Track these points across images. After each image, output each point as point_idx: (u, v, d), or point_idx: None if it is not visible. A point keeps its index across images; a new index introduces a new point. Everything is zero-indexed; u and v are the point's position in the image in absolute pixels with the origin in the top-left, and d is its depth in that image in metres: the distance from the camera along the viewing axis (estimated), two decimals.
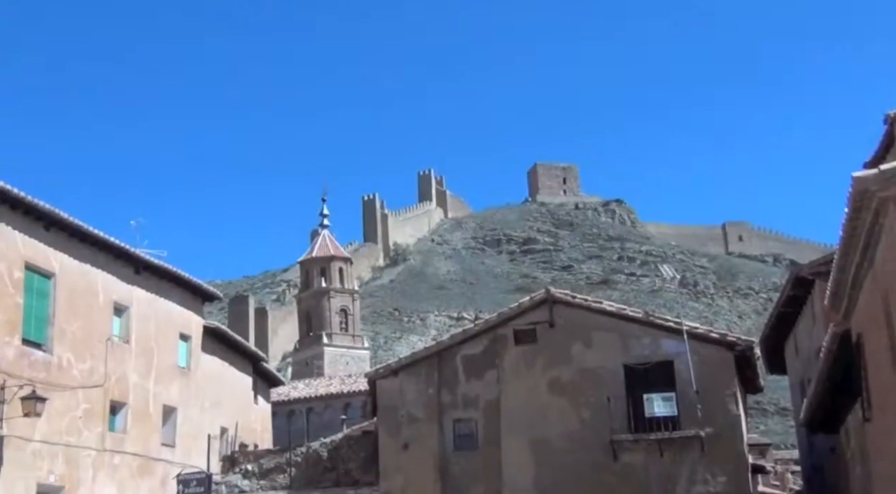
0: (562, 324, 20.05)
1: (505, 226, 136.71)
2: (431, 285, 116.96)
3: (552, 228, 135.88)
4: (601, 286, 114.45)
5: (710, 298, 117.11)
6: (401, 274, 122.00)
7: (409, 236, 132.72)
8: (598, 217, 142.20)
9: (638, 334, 19.67)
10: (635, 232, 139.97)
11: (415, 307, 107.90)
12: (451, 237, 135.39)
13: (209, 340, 24.94)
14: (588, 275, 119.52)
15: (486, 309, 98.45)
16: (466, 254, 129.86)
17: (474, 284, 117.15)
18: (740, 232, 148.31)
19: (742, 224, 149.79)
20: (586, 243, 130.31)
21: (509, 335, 20.24)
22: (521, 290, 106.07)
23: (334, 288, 65.97)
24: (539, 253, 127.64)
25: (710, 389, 18.91)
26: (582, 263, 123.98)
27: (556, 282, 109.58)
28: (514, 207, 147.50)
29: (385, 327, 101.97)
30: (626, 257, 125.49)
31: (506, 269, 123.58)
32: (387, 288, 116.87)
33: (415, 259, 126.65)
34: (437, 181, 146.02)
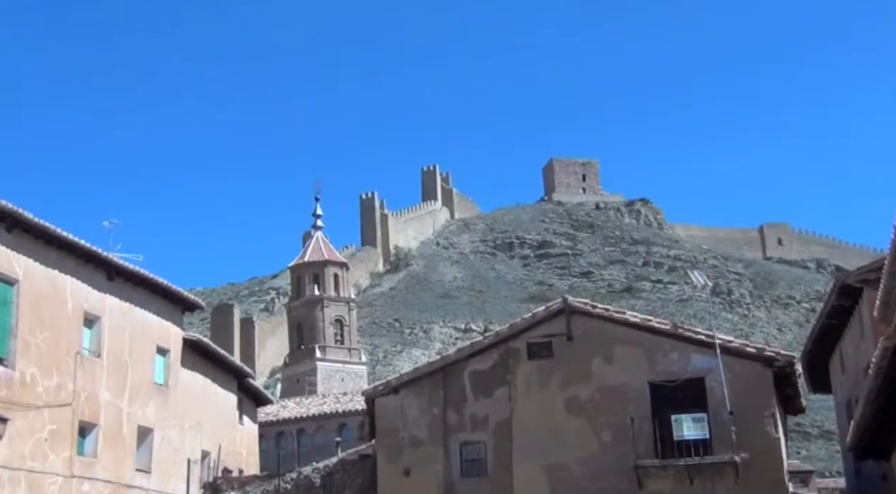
0: (580, 337, 20.02)
1: (518, 228, 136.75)
2: (436, 293, 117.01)
3: (570, 230, 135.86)
4: (624, 294, 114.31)
5: (746, 308, 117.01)
6: (402, 281, 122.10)
7: (411, 239, 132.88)
8: (621, 218, 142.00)
9: (665, 348, 19.63)
10: (662, 234, 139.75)
11: (418, 317, 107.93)
12: (459, 240, 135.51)
13: (189, 354, 24.96)
14: (610, 283, 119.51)
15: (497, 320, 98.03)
16: (475, 259, 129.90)
17: (484, 292, 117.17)
18: (779, 234, 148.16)
19: (781, 226, 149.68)
20: (608, 247, 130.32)
21: (522, 348, 20.23)
22: (535, 299, 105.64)
23: (328, 296, 66.08)
24: (555, 258, 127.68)
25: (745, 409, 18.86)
26: (603, 269, 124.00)
27: (574, 290, 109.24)
28: (527, 207, 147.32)
29: (385, 340, 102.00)
30: (652, 262, 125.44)
31: (518, 276, 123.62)
32: (387, 296, 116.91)
33: (418, 264, 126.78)
34: (442, 178, 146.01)
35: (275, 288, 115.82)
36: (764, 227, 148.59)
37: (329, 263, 66.86)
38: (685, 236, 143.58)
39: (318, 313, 65.72)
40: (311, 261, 66.81)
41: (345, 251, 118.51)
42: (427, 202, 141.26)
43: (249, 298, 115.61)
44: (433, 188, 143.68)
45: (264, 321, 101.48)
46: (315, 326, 65.87)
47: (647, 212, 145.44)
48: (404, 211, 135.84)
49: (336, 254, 70.68)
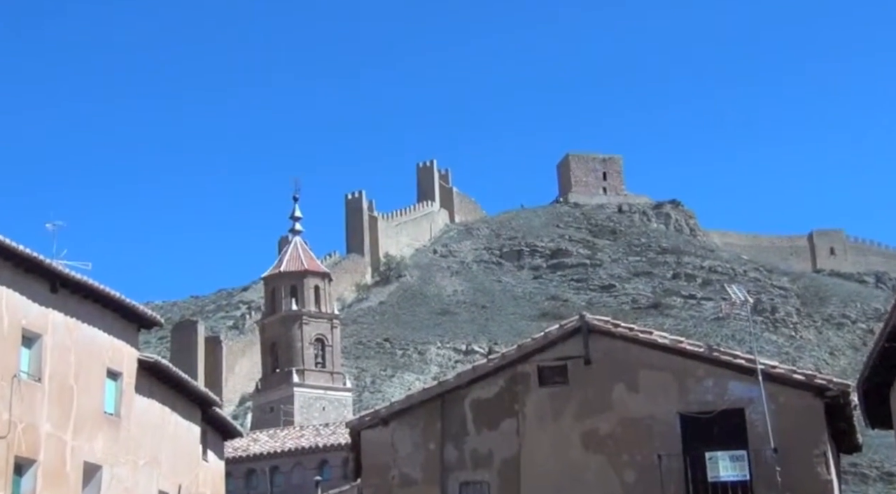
0: (600, 361, 20.00)
1: (528, 234, 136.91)
2: (433, 309, 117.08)
3: (588, 237, 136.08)
4: (651, 311, 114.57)
5: (793, 329, 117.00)
6: (393, 294, 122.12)
7: (404, 245, 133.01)
8: (647, 223, 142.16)
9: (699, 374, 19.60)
10: (696, 242, 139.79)
11: (411, 337, 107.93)
12: (459, 247, 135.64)
13: (145, 378, 24.93)
14: (634, 298, 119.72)
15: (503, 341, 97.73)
16: (478, 270, 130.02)
17: (488, 308, 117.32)
18: (832, 243, 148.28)
19: (834, 233, 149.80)
20: (632, 256, 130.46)
21: (533, 373, 20.21)
22: (547, 316, 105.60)
23: (308, 311, 66.19)
24: (571, 269, 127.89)
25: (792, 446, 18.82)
26: (626, 282, 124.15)
27: (592, 306, 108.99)
28: (539, 210, 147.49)
29: (373, 362, 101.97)
30: (683, 274, 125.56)
31: (528, 289, 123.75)
32: (375, 312, 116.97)
33: (412, 275, 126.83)
34: (440, 175, 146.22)
35: (245, 301, 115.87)
36: (814, 235, 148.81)
37: (309, 273, 67.01)
38: (722, 244, 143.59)
39: (295, 331, 65.79)
40: (287, 271, 66.96)
41: (327, 259, 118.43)
42: (423, 203, 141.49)
43: (216, 314, 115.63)
44: (430, 187, 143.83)
45: (233, 340, 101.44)
46: (292, 346, 65.91)
47: (678, 216, 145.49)
48: (396, 213, 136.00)
49: (317, 263, 70.84)
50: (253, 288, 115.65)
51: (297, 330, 65.80)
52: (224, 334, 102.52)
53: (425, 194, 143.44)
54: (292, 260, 67.51)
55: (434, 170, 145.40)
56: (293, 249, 68.32)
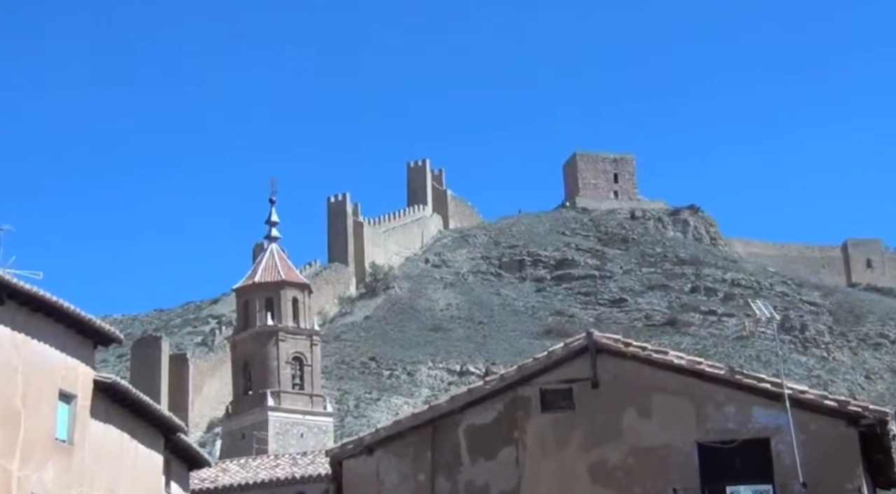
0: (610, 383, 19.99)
1: (530, 242, 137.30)
2: (424, 324, 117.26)
3: (597, 246, 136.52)
4: (667, 329, 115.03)
5: (825, 349, 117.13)
6: (381, 308, 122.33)
7: (392, 254, 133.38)
8: (663, 230, 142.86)
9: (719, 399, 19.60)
10: (717, 252, 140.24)
11: (400, 355, 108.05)
12: (454, 256, 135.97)
13: (102, 401, 24.85)
14: (648, 314, 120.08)
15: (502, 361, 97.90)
16: (475, 281, 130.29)
17: (485, 324, 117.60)
18: (869, 254, 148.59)
19: (872, 244, 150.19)
20: (646, 267, 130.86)
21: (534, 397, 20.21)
22: (551, 334, 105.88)
23: (285, 327, 66.33)
24: (578, 282, 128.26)
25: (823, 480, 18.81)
26: (639, 296, 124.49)
27: (602, 323, 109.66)
28: (542, 215, 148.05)
29: (357, 384, 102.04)
30: (702, 288, 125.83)
31: (530, 303, 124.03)
32: (360, 327, 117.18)
33: (401, 287, 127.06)
34: (433, 176, 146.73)
35: (215, 315, 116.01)
36: (849, 245, 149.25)
37: (286, 284, 67.13)
38: (746, 255, 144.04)
39: (270, 349, 65.85)
40: (262, 282, 67.06)
41: (307, 269, 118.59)
42: (414, 207, 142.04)
43: (182, 329, 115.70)
44: (422, 189, 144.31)
45: (201, 358, 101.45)
46: (267, 366, 65.92)
47: (698, 223, 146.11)
48: (384, 218, 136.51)
49: (296, 273, 70.98)
50: (223, 300, 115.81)
51: (273, 347, 65.84)
52: (191, 352, 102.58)
53: (416, 197, 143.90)
54: (268, 270, 67.59)
55: (426, 170, 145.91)
56: (269, 257, 68.42)
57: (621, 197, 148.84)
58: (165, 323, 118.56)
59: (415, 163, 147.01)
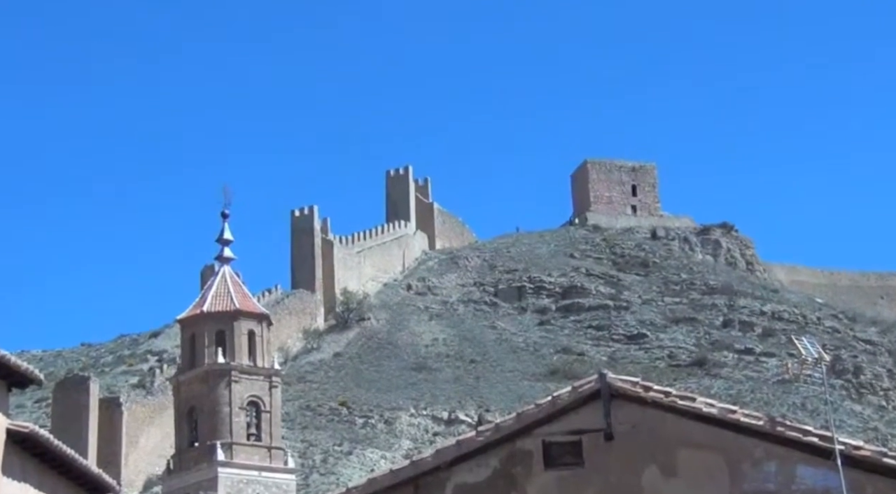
0: (626, 435, 19.94)
1: (532, 265, 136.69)
2: (405, 363, 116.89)
3: (612, 270, 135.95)
4: (694, 370, 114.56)
5: (884, 396, 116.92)
6: (354, 343, 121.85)
7: (368, 279, 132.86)
8: (690, 253, 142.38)
9: (757, 455, 19.55)
10: (753, 279, 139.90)
11: (376, 400, 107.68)
12: (441, 282, 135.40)
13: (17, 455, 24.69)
14: (672, 352, 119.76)
15: (498, 407, 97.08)
16: (466, 312, 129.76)
17: (478, 363, 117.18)
18: None
19: None
20: (669, 297, 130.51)
21: (536, 451, 20.12)
22: (556, 375, 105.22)
23: (239, 366, 66.05)
24: (589, 313, 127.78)
25: None
26: (661, 331, 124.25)
27: (617, 363, 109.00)
28: (546, 234, 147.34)
29: (325, 434, 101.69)
30: (737, 322, 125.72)
31: (532, 339, 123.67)
32: (329, 366, 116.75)
33: (378, 318, 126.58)
34: (418, 187, 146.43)
35: (155, 352, 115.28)
36: None
37: (241, 314, 66.88)
38: (788, 283, 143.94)
39: (221, 392, 65.53)
40: (212, 312, 66.79)
41: (267, 296, 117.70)
42: (394, 223, 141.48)
43: (115, 368, 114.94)
44: (403, 202, 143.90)
45: (137, 403, 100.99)
46: (217, 412, 65.60)
47: (731, 244, 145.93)
48: (359, 236, 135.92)
49: (253, 302, 70.87)
50: (165, 333, 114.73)
51: (224, 390, 65.50)
52: (125, 395, 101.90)
53: (397, 212, 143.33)
54: (219, 297, 67.31)
55: (409, 179, 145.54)
56: (220, 282, 68.15)
57: (640, 212, 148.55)
58: (95, 361, 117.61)
59: (395, 172, 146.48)
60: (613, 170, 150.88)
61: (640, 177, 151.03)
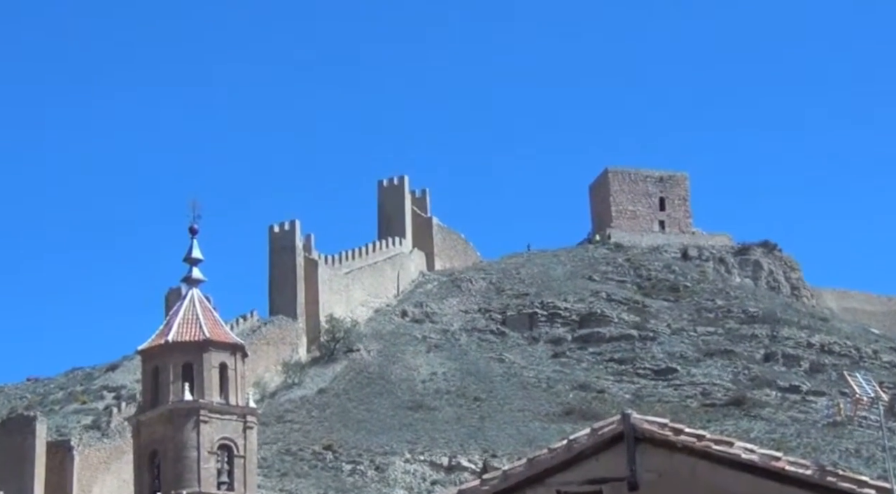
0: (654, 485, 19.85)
1: (545, 289, 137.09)
2: (399, 401, 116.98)
3: (637, 295, 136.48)
4: (732, 411, 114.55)
5: None
6: (341, 378, 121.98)
7: (357, 304, 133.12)
8: (726, 275, 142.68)
9: None
10: (800, 306, 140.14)
11: (367, 443, 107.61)
12: (441, 308, 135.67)
13: None
14: (706, 389, 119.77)
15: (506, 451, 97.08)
16: (469, 342, 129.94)
17: (483, 401, 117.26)
18: None
19: None
20: (703, 326, 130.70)
21: None
22: (573, 415, 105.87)
23: (209, 404, 65.77)
24: (610, 344, 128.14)
25: None
26: (694, 365, 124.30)
27: (642, 401, 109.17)
28: (562, 253, 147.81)
29: (307, 482, 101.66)
30: (781, 355, 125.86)
31: (545, 373, 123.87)
32: (313, 405, 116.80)
33: (369, 349, 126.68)
34: (414, 199, 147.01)
35: (112, 388, 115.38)
36: None
37: (212, 345, 66.61)
38: (840, 311, 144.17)
39: (188, 434, 65.12)
40: (178, 342, 66.41)
41: (242, 324, 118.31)
42: (387, 240, 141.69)
43: (66, 406, 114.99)
44: (398, 216, 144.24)
45: (91, 446, 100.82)
46: (183, 457, 65.10)
47: (774, 266, 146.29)
48: (347, 254, 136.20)
49: (225, 330, 70.55)
50: (124, 366, 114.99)
51: (192, 432, 65.01)
52: (77, 437, 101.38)
53: (390, 227, 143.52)
54: (186, 325, 67.01)
55: (404, 191, 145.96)
56: (188, 308, 67.85)
57: (669, 229, 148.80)
58: (42, 398, 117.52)
59: (389, 182, 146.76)
60: (638, 181, 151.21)
61: (669, 188, 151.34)
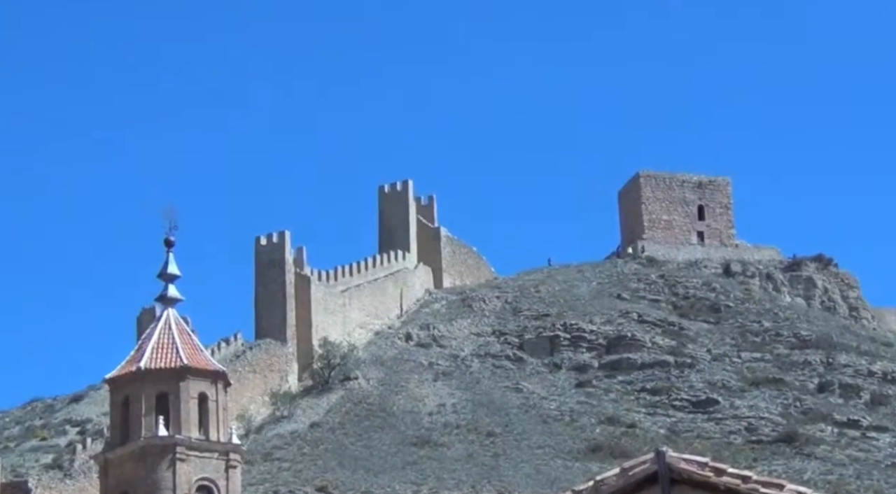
0: None
1: (568, 309, 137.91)
2: (403, 436, 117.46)
3: (673, 316, 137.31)
4: (781, 448, 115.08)
5: None
6: (336, 409, 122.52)
7: (355, 326, 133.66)
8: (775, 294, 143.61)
9: None
10: (859, 329, 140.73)
11: (366, 484, 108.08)
12: (451, 330, 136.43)
13: None
14: (752, 424, 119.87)
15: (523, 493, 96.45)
16: (482, 369, 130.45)
17: (498, 436, 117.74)
18: None
19: None
20: (748, 351, 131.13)
21: None
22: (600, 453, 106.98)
23: (186, 440, 65.77)
24: (642, 372, 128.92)
25: None
26: (737, 395, 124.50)
27: (679, 438, 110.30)
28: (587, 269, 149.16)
29: None
30: (838, 385, 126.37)
31: (568, 404, 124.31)
32: (304, 440, 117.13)
33: (368, 377, 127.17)
34: (420, 208, 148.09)
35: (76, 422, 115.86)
36: None
37: (190, 373, 66.82)
38: None
39: (162, 474, 65.28)
40: (152, 369, 66.59)
41: (224, 348, 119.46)
42: (389, 254, 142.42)
43: (23, 442, 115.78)
44: (402, 227, 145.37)
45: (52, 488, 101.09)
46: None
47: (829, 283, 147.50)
48: (343, 270, 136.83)
49: (205, 356, 70.85)
50: (89, 398, 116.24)
51: (167, 471, 65.07)
52: (36, 478, 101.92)
53: (393, 239, 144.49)
54: (161, 350, 67.10)
55: (408, 198, 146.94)
56: (163, 331, 67.93)
57: (709, 241, 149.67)
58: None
59: (391, 188, 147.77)
60: (674, 186, 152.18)
61: (709, 194, 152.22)
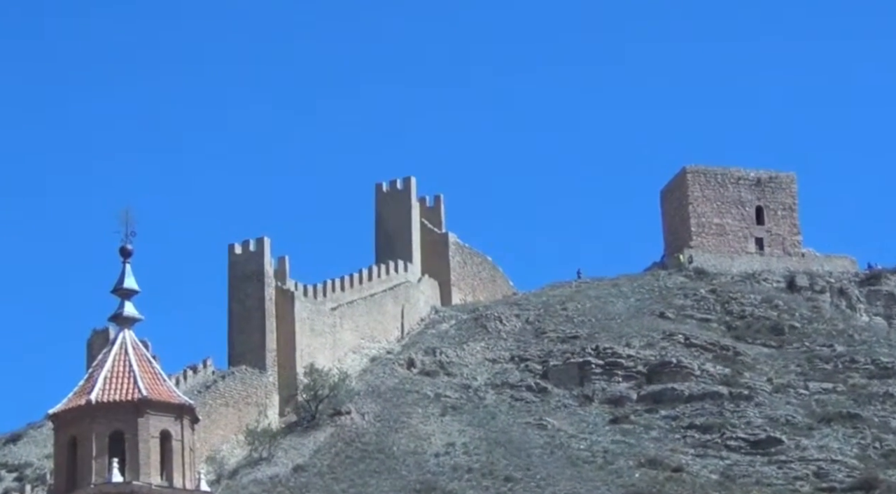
0: None
1: (601, 331, 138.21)
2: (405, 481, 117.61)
3: (726, 339, 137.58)
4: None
5: None
6: (325, 450, 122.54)
7: (348, 351, 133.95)
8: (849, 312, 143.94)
9: None
10: None
11: None
12: (461, 356, 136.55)
13: None
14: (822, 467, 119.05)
15: None
16: (498, 402, 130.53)
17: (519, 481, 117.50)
18: None
19: None
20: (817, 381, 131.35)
21: None
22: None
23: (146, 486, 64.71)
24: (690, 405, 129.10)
25: None
26: (805, 433, 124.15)
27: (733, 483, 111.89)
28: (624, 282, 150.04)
29: None
30: None
31: (602, 443, 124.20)
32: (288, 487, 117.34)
33: (363, 411, 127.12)
34: (424, 210, 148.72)
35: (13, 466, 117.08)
36: None
37: (150, 407, 66.11)
38: None
39: None
40: (104, 403, 65.79)
41: (192, 378, 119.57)
42: (388, 265, 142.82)
43: None
44: (403, 232, 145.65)
45: None
46: None
47: None
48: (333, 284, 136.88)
49: (168, 386, 69.63)
50: (29, 437, 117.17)
51: None
52: None
53: (392, 247, 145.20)
54: (116, 380, 66.26)
55: (410, 197, 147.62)
56: (119, 357, 67.11)
57: (770, 249, 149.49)
58: None
59: (390, 186, 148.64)
60: (728, 183, 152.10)
61: (769, 194, 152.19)
